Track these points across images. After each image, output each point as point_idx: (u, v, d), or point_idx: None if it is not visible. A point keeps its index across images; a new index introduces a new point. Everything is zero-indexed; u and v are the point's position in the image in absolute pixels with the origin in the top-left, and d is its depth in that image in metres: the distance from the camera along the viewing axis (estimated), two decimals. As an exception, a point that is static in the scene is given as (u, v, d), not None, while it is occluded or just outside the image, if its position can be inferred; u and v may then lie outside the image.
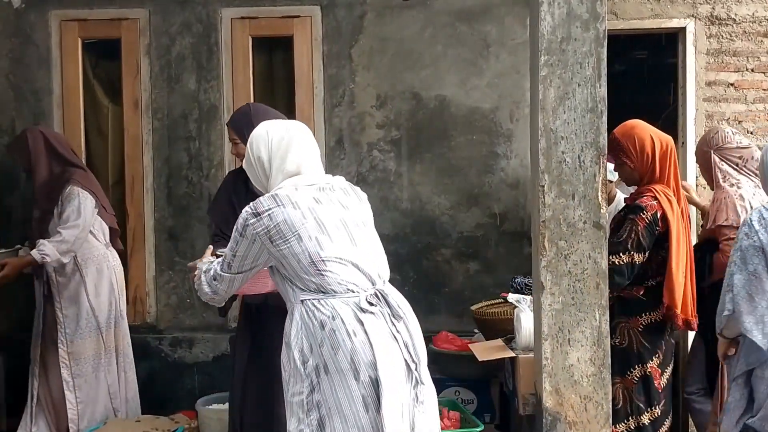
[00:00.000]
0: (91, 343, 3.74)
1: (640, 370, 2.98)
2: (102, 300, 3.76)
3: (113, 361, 3.81)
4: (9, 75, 4.29)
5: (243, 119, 3.01)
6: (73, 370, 3.71)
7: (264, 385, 3.05)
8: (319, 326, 2.15)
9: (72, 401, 3.71)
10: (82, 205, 3.64)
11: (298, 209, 2.14)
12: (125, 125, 4.29)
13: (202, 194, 4.24)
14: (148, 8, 4.23)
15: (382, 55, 4.20)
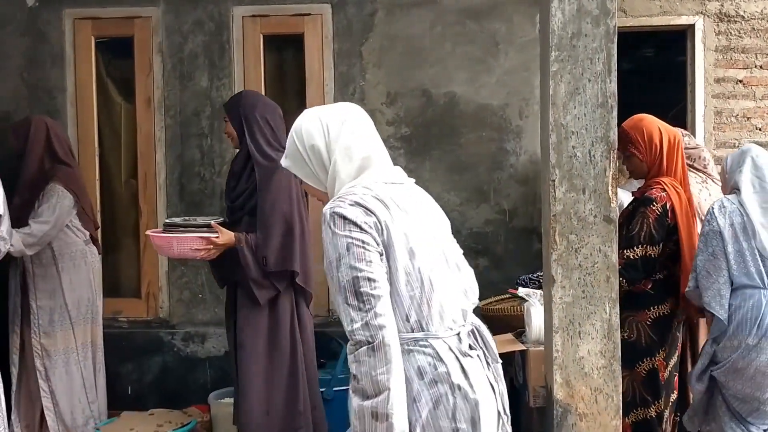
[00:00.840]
0: (63, 336, 3.75)
1: (648, 364, 3.01)
2: (77, 295, 3.78)
3: (89, 355, 3.83)
4: (23, 73, 4.34)
5: (233, 99, 3.35)
6: (45, 361, 3.73)
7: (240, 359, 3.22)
8: (417, 375, 1.79)
9: (45, 390, 3.73)
10: (59, 204, 3.65)
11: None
12: (138, 122, 4.33)
13: (214, 191, 4.28)
14: (160, 6, 4.28)
15: (392, 53, 4.24)
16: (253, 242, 3.12)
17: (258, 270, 3.11)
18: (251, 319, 3.18)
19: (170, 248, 3.15)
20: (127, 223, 4.40)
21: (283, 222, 3.12)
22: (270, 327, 3.18)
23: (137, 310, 4.33)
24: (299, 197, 3.22)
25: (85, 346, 3.80)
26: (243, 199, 3.23)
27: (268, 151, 3.19)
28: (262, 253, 3.10)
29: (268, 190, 3.13)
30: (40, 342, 3.70)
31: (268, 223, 3.12)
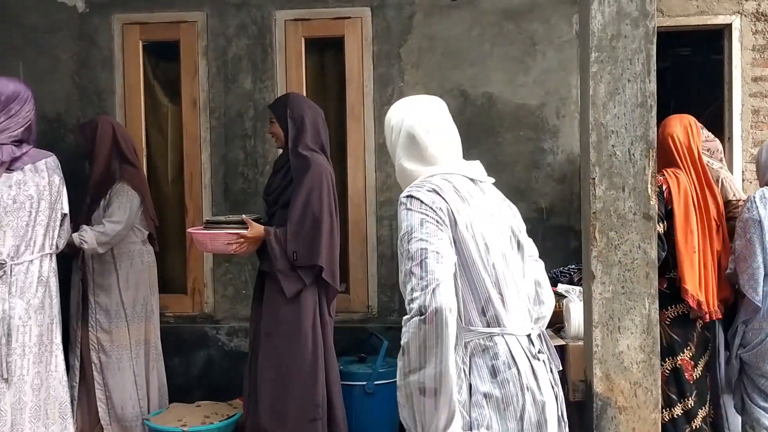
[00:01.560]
0: (118, 333, 3.89)
1: (670, 363, 3.06)
2: (132, 293, 3.91)
3: (141, 353, 3.96)
4: (74, 76, 4.50)
5: (280, 101, 3.53)
6: (100, 355, 3.88)
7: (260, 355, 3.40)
8: (489, 373, 1.81)
9: (99, 382, 3.88)
10: (129, 203, 3.80)
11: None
12: (184, 124, 4.46)
13: (257, 190, 4.39)
14: (205, 11, 4.40)
15: (431, 54, 4.32)
16: (282, 236, 3.28)
17: (285, 262, 3.29)
18: (277, 310, 3.35)
19: (206, 244, 3.39)
20: (173, 222, 4.53)
21: (312, 218, 3.29)
22: (294, 319, 3.33)
23: (183, 305, 4.47)
24: (331, 195, 3.39)
25: (139, 344, 3.93)
26: (276, 194, 3.44)
27: (306, 150, 3.38)
28: (292, 248, 3.27)
29: (301, 187, 3.32)
30: (97, 336, 3.85)
31: (298, 218, 3.30)
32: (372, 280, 4.38)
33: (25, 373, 2.73)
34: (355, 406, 3.74)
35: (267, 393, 3.35)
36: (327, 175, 3.38)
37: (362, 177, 4.35)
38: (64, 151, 4.31)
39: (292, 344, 3.32)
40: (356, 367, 3.91)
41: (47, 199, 2.84)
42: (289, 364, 3.32)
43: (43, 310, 2.82)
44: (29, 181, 2.79)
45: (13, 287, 2.71)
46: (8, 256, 2.72)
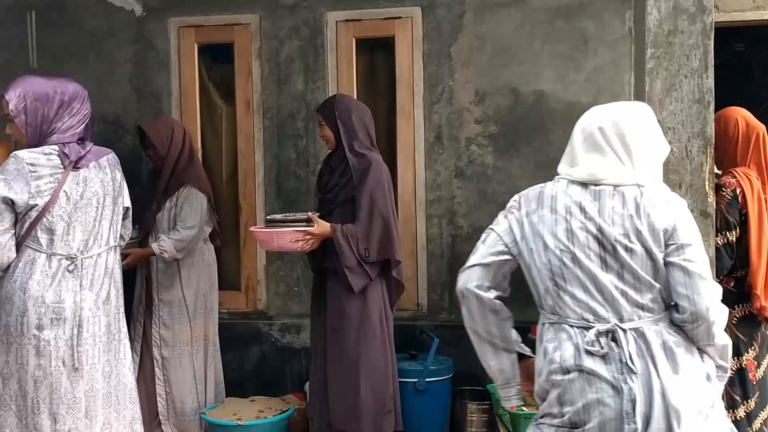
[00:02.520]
0: (180, 329, 3.99)
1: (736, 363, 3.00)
2: (194, 290, 4.01)
3: (201, 348, 4.06)
4: (132, 78, 4.63)
5: (328, 103, 3.60)
6: (162, 351, 3.98)
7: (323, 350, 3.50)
8: (542, 354, 2.12)
9: (161, 378, 3.99)
10: (199, 207, 3.92)
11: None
12: (238, 124, 4.55)
13: (308, 188, 4.46)
14: (259, 13, 4.49)
15: (481, 53, 4.33)
16: (349, 232, 3.36)
17: (353, 258, 3.36)
18: (343, 305, 3.42)
19: (271, 242, 3.42)
20: (227, 220, 4.62)
21: (380, 216, 3.39)
22: (361, 313, 3.41)
23: (237, 302, 4.56)
24: (392, 192, 3.50)
25: (199, 340, 4.03)
26: (335, 193, 3.51)
27: (362, 149, 3.47)
28: (364, 245, 3.36)
29: (365, 186, 3.39)
30: (159, 332, 3.96)
31: (368, 216, 3.39)
32: (422, 278, 4.41)
33: (96, 361, 2.84)
34: (406, 403, 3.77)
35: (339, 389, 3.42)
36: (386, 172, 3.48)
37: (412, 175, 4.38)
38: (122, 150, 4.41)
39: (360, 338, 3.39)
40: (407, 364, 3.94)
41: (111, 194, 2.95)
42: (359, 359, 3.38)
43: (110, 301, 2.92)
44: (94, 177, 2.90)
45: (83, 280, 2.82)
46: (78, 251, 2.83)
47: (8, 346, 2.76)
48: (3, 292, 2.80)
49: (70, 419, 2.77)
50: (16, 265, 2.78)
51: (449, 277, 4.39)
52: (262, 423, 3.79)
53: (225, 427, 3.77)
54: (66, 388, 2.77)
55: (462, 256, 4.34)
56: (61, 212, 2.79)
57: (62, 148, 2.84)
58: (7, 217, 2.74)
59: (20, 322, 2.75)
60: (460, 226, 4.39)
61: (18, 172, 2.75)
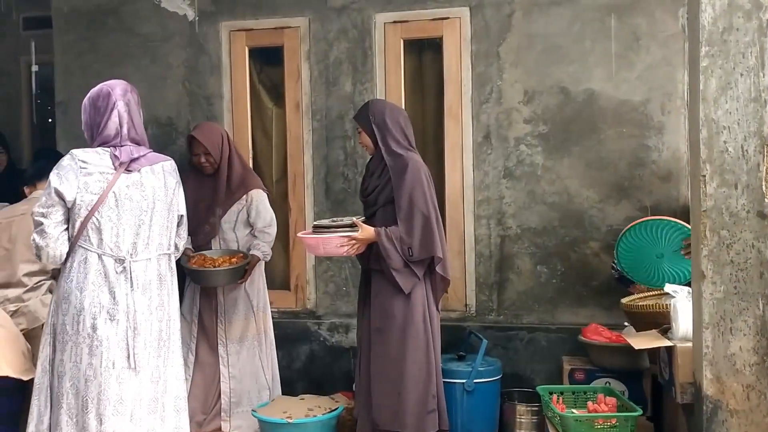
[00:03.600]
0: (247, 324, 4.07)
1: None
2: (255, 287, 4.08)
3: (263, 342, 4.12)
4: (185, 82, 4.73)
5: (362, 111, 3.64)
6: (228, 348, 4.05)
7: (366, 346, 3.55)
8: None
9: (225, 375, 4.05)
10: (269, 205, 4.05)
11: None
12: (287, 126, 4.61)
13: (356, 189, 4.47)
14: (308, 16, 4.54)
15: (530, 52, 4.29)
16: (393, 234, 3.39)
17: (399, 260, 3.40)
18: (388, 305, 3.45)
19: (317, 248, 3.51)
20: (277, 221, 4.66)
21: (421, 214, 3.41)
22: (404, 313, 3.43)
23: (287, 301, 4.62)
24: (432, 189, 3.50)
25: (260, 335, 4.10)
26: (375, 194, 3.55)
27: (399, 149, 3.50)
28: (407, 244, 3.38)
29: (403, 186, 3.42)
30: (225, 330, 4.04)
31: (408, 215, 3.42)
32: (470, 278, 4.40)
33: (145, 365, 2.88)
34: (454, 404, 3.77)
35: (382, 388, 3.45)
36: (424, 170, 3.49)
37: (459, 176, 4.38)
38: (174, 153, 4.51)
39: (404, 338, 3.42)
40: (455, 365, 3.94)
41: (163, 200, 2.98)
42: (403, 358, 3.41)
43: (162, 308, 2.96)
44: (146, 182, 2.94)
45: (134, 283, 2.87)
46: (128, 253, 2.88)
47: (64, 345, 2.83)
48: (60, 291, 2.88)
49: (114, 421, 2.80)
50: (71, 265, 2.87)
51: (498, 278, 4.37)
52: (312, 421, 3.82)
53: (275, 425, 3.81)
54: (113, 390, 2.81)
55: (511, 257, 4.33)
56: (109, 213, 2.86)
57: (114, 150, 2.92)
58: (59, 211, 2.85)
59: (76, 321, 2.82)
60: (509, 226, 4.36)
61: (70, 167, 2.86)
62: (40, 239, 2.85)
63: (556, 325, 4.26)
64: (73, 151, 2.91)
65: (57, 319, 2.86)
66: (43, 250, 2.85)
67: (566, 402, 3.46)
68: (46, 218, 2.83)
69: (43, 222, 2.84)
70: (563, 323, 4.21)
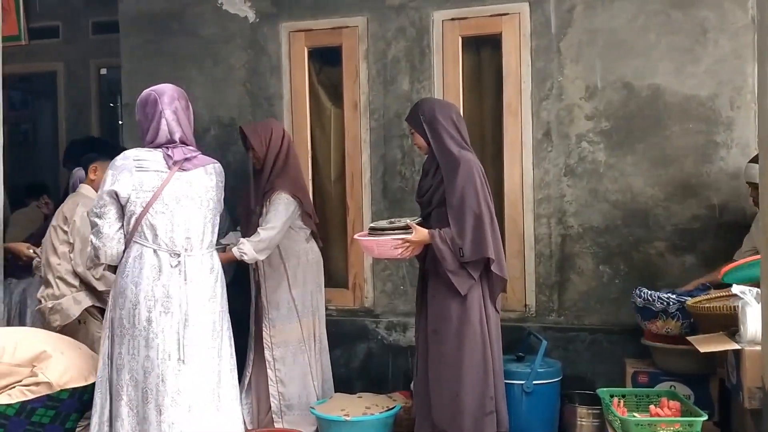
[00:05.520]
0: (291, 328, 4.08)
1: None
2: (301, 290, 4.09)
3: (313, 346, 4.13)
4: (246, 83, 4.80)
5: (412, 112, 3.60)
6: (274, 352, 4.08)
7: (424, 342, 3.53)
8: None
9: (273, 378, 4.08)
10: (285, 211, 3.93)
11: None
12: (346, 125, 4.62)
13: (413, 188, 4.44)
14: (366, 16, 4.54)
15: (592, 47, 4.20)
16: (447, 236, 3.36)
17: (454, 261, 3.36)
18: (444, 307, 3.43)
19: (373, 250, 3.53)
20: (336, 219, 4.71)
21: (472, 214, 3.36)
22: (461, 315, 3.40)
23: (345, 299, 4.64)
24: (485, 188, 3.44)
25: (309, 338, 4.12)
26: (429, 195, 3.53)
27: (452, 147, 3.46)
28: (458, 245, 3.34)
29: (455, 185, 3.39)
30: (270, 334, 4.07)
31: (459, 215, 3.38)
32: (529, 278, 4.33)
33: (200, 357, 2.97)
34: (513, 405, 3.71)
35: (440, 389, 3.43)
36: (477, 168, 3.43)
37: (519, 173, 4.31)
38: (237, 153, 4.65)
39: (460, 340, 3.39)
40: (514, 365, 3.88)
41: (213, 199, 3.11)
42: (459, 360, 3.38)
43: (215, 299, 3.06)
44: (198, 181, 3.06)
45: (188, 277, 2.97)
46: (182, 248, 2.99)
47: (122, 338, 2.94)
48: (117, 287, 3.00)
49: (173, 412, 2.88)
50: (127, 261, 2.98)
51: (559, 278, 4.29)
52: (369, 419, 3.84)
53: (333, 422, 3.84)
54: (171, 381, 2.90)
55: (572, 256, 4.25)
56: (163, 209, 2.97)
57: (166, 150, 3.03)
58: (113, 210, 2.96)
59: (132, 314, 2.92)
60: (570, 225, 4.28)
61: (123, 166, 2.97)
62: (97, 240, 2.98)
63: (618, 327, 4.16)
64: (126, 151, 3.03)
65: (114, 314, 2.97)
66: (101, 250, 2.98)
67: (628, 405, 3.38)
68: (101, 218, 2.96)
69: (99, 222, 2.96)
70: (626, 324, 4.10)
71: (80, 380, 3.10)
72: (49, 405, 3.03)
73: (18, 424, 3.00)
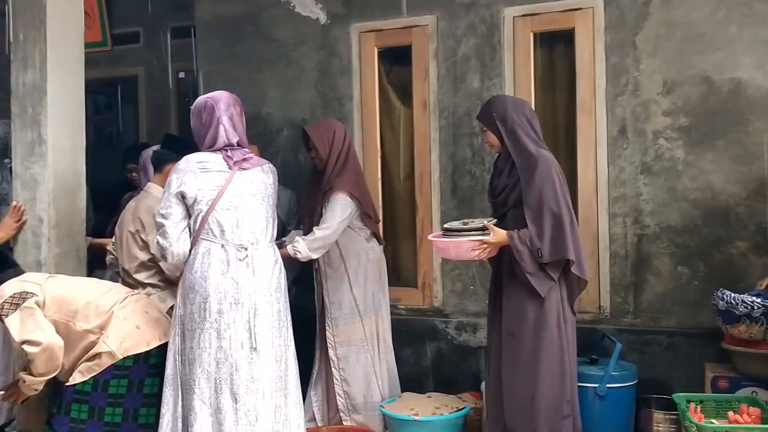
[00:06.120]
0: (353, 328, 4.08)
1: None
2: (362, 289, 4.08)
3: (376, 345, 4.13)
4: (317, 84, 4.86)
5: (484, 109, 3.52)
6: (337, 351, 4.09)
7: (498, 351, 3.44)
8: None
9: (337, 378, 4.10)
10: (341, 211, 3.92)
11: None
12: (415, 125, 4.62)
13: (483, 187, 4.42)
14: (436, 14, 4.53)
15: (669, 41, 4.06)
16: (526, 237, 3.27)
17: (533, 263, 3.27)
18: (521, 308, 3.35)
19: (448, 251, 3.47)
20: (405, 218, 4.72)
21: (551, 214, 3.26)
22: (538, 317, 3.31)
23: (414, 298, 4.63)
24: (564, 187, 3.34)
25: (372, 337, 4.13)
26: (505, 195, 3.43)
27: (528, 146, 3.36)
28: (537, 246, 3.25)
29: (532, 184, 3.29)
30: (333, 334, 4.10)
31: (538, 216, 3.28)
32: (604, 279, 4.22)
33: (270, 345, 3.09)
34: (586, 409, 3.62)
35: (514, 392, 3.36)
36: (555, 167, 3.34)
37: (593, 172, 4.21)
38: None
39: (537, 342, 3.30)
40: (587, 368, 3.80)
41: (272, 195, 3.27)
42: (536, 362, 3.30)
43: (280, 290, 3.19)
44: (258, 179, 3.21)
45: (255, 269, 3.09)
46: (249, 242, 3.11)
47: (192, 333, 3.05)
48: (186, 283, 3.11)
49: (249, 399, 3.00)
50: (195, 257, 3.10)
51: (634, 279, 4.17)
52: (438, 419, 3.83)
53: (402, 422, 3.84)
54: (244, 369, 3.01)
55: (649, 257, 4.13)
56: (228, 206, 3.10)
57: (225, 152, 3.17)
58: (179, 211, 3.10)
59: (203, 308, 3.04)
60: (647, 225, 4.15)
61: (187, 169, 3.12)
62: (163, 240, 3.10)
63: (697, 330, 4.01)
64: (187, 156, 3.17)
65: (184, 310, 3.08)
66: (167, 250, 3.10)
67: (706, 411, 3.25)
68: (167, 219, 3.09)
69: (165, 223, 3.10)
70: (706, 327, 3.95)
71: (142, 345, 3.16)
72: (117, 375, 3.11)
73: (98, 398, 3.10)
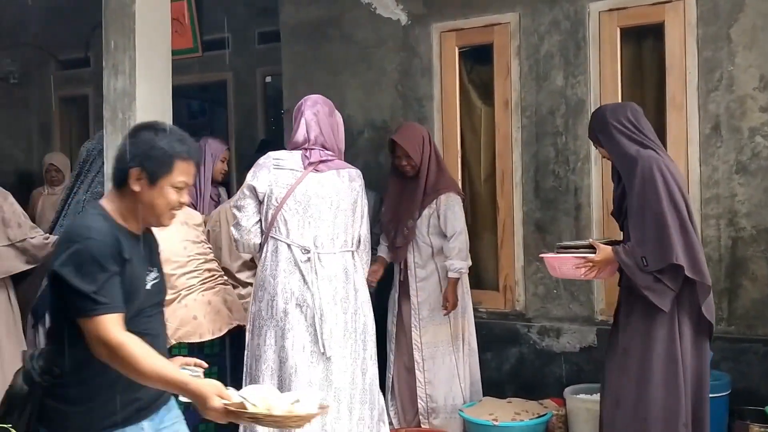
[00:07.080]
0: (439, 329, 4.04)
1: None
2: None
3: (461, 348, 4.07)
4: (398, 85, 4.85)
5: (589, 124, 3.36)
6: (423, 353, 4.05)
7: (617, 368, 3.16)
8: None
9: (421, 380, 4.06)
10: (461, 210, 3.99)
11: None
12: (496, 124, 4.54)
13: (567, 188, 4.31)
14: (518, 12, 4.44)
15: (767, 33, 3.83)
16: (630, 248, 3.04)
17: (645, 276, 3.00)
18: (635, 324, 3.10)
19: (555, 268, 3.32)
20: (486, 219, 4.64)
21: (653, 215, 3.00)
22: (648, 329, 3.05)
23: (495, 301, 4.55)
24: (671, 185, 3.02)
25: (458, 339, 4.09)
26: (617, 204, 3.24)
27: (627, 148, 3.13)
28: (639, 254, 3.00)
29: (633, 188, 3.06)
30: (420, 335, 4.07)
31: (638, 220, 3.04)
32: (699, 285, 4.01)
33: (333, 353, 3.04)
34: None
35: (623, 413, 3.10)
36: (659, 165, 3.04)
37: (684, 171, 4.00)
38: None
39: (644, 359, 3.05)
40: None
41: (347, 201, 3.17)
42: (647, 381, 3.04)
43: (347, 300, 3.11)
44: (331, 182, 3.15)
45: (318, 274, 3.06)
46: (313, 245, 3.09)
47: (260, 329, 3.10)
48: (257, 280, 3.17)
49: None
50: (265, 255, 3.14)
51: (729, 284, 3.95)
52: (518, 426, 3.75)
53: (481, 426, 3.78)
54: (303, 372, 3.01)
55: (745, 261, 3.91)
56: (296, 206, 3.10)
57: (304, 152, 3.17)
58: (252, 204, 3.15)
59: (270, 306, 3.07)
60: (742, 227, 3.93)
61: (263, 164, 3.17)
62: (236, 231, 3.17)
63: (799, 339, 3.77)
64: (269, 153, 3.22)
65: (255, 306, 3.14)
66: (239, 241, 3.18)
67: (806, 426, 3.03)
68: (240, 211, 3.15)
69: (238, 215, 3.16)
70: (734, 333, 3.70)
71: (194, 336, 3.22)
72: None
73: None
